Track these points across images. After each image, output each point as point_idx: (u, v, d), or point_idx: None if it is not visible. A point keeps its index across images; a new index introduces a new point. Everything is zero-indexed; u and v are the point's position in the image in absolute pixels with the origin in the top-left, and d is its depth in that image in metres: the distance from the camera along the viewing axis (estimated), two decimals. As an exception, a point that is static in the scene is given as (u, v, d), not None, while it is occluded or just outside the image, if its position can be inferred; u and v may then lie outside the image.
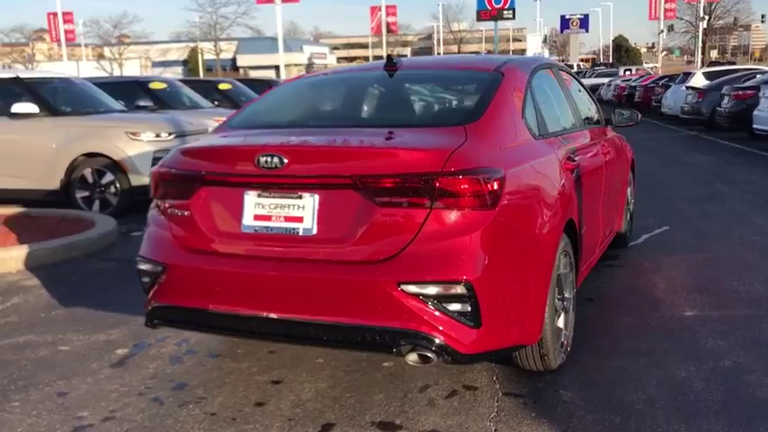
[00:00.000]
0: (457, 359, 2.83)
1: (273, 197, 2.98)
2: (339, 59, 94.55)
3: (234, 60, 79.82)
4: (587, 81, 38.63)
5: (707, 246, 6.03)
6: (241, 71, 74.33)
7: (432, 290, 2.76)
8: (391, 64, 3.84)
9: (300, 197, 2.93)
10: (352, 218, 2.85)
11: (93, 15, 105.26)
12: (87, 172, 8.18)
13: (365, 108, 3.77)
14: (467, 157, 2.87)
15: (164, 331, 4.11)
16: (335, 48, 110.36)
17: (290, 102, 3.89)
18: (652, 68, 47.71)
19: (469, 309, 2.79)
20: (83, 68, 59.40)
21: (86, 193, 8.23)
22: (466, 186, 2.79)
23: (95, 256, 6.32)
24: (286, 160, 2.89)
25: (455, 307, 2.78)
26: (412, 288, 2.75)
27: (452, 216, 2.80)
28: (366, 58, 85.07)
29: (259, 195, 3.01)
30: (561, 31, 74.93)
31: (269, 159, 2.90)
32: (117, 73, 67.13)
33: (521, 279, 3.02)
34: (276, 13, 33.00)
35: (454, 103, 3.71)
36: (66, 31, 45.20)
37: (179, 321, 3.25)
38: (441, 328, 2.77)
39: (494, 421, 3.08)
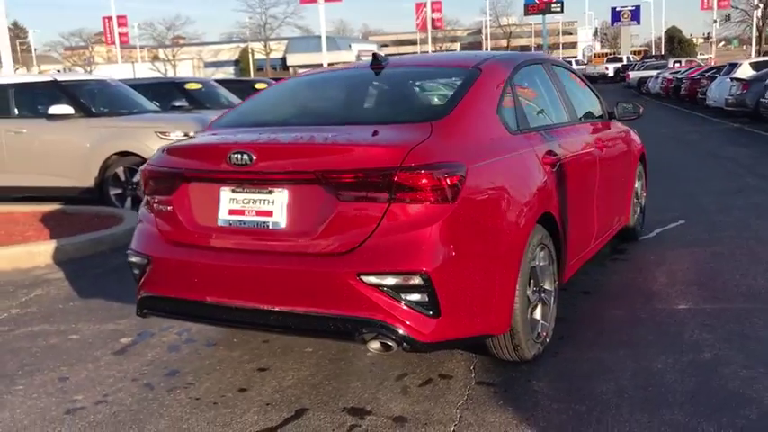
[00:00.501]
0: (416, 347, 2.94)
1: (246, 192, 3.14)
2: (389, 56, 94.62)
3: (284, 60, 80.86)
4: (635, 74, 37.93)
5: (719, 240, 5.96)
6: (291, 70, 75.31)
7: (390, 281, 2.87)
8: (376, 63, 3.96)
9: (270, 192, 3.08)
10: (317, 212, 2.99)
11: (148, 18, 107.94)
12: (120, 170, 8.52)
13: (343, 106, 3.90)
14: (427, 152, 2.97)
15: (168, 321, 4.32)
16: (384, 45, 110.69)
17: (276, 101, 4.04)
18: (705, 60, 46.49)
19: (427, 299, 2.89)
20: (138, 70, 61.04)
21: (119, 191, 8.57)
22: (424, 181, 2.89)
23: (120, 251, 6.58)
24: (255, 157, 3.05)
25: (413, 297, 2.89)
26: (371, 279, 2.87)
27: (411, 210, 2.90)
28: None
29: (233, 191, 3.17)
30: (612, 24, 73.68)
31: (239, 156, 3.06)
32: (171, 74, 68.67)
33: (484, 270, 3.11)
34: (319, 12, 33.34)
35: (427, 100, 3.81)
36: (121, 34, 46.57)
37: (164, 311, 3.44)
38: (399, 317, 2.88)
39: (460, 408, 3.18)
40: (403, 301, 2.89)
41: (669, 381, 3.36)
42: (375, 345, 2.95)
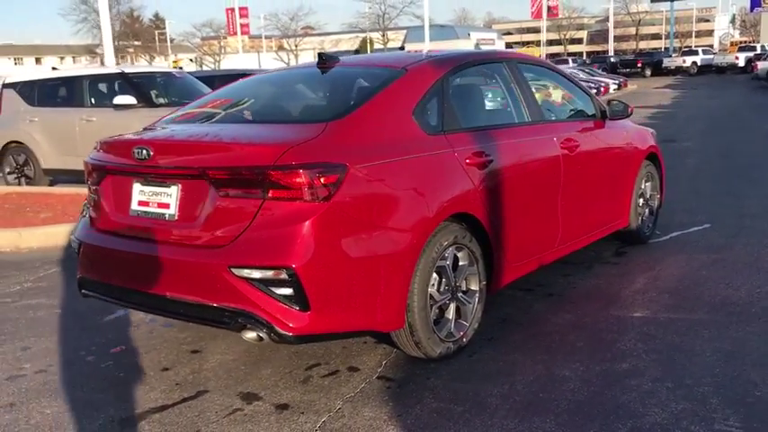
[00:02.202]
0: (285, 339, 3.07)
1: (151, 185, 3.38)
2: (508, 45, 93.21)
3: (402, 49, 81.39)
4: (764, 64, 35.38)
5: (732, 247, 5.64)
6: (409, 59, 75.73)
7: (260, 274, 3.01)
8: (322, 62, 4.09)
9: (168, 186, 3.30)
10: (201, 206, 3.18)
11: (273, 10, 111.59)
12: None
13: (265, 105, 4.03)
14: (304, 152, 3.08)
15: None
16: (507, 33, 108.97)
17: (219, 98, 4.24)
18: None
19: (295, 293, 3.01)
20: (263, 60, 63.49)
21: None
22: (296, 180, 3.01)
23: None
24: (152, 153, 3.28)
25: (282, 291, 3.02)
26: (243, 272, 3.03)
27: (283, 207, 3.03)
28: (538, 43, 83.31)
29: (142, 184, 3.42)
30: (751, 10, 68.79)
31: (140, 152, 3.31)
32: (293, 63, 70.85)
33: (367, 269, 3.18)
34: (424, 2, 33.53)
35: (340, 100, 3.87)
36: (242, 25, 48.64)
37: (96, 292, 3.73)
38: (268, 310, 3.02)
39: (345, 400, 3.28)
40: (272, 295, 3.03)
41: (565, 389, 3.31)
42: (249, 335, 3.12)
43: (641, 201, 5.76)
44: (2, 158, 10.19)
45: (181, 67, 39.63)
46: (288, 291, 3.02)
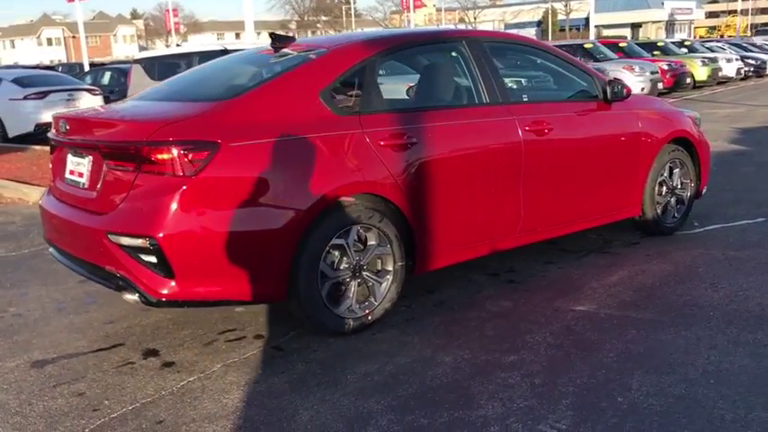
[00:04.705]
0: (152, 303, 3.34)
1: (76, 156, 3.77)
2: (709, 14, 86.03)
3: (587, 20, 77.86)
4: None
5: (764, 245, 5.09)
6: (594, 31, 72.45)
7: (129, 242, 3.29)
8: (274, 44, 4.26)
9: (83, 157, 3.67)
10: (99, 176, 3.51)
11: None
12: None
13: (198, 85, 4.20)
14: (177, 129, 3.29)
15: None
16: (714, 1, 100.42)
17: (182, 77, 4.53)
18: None
19: (159, 261, 3.25)
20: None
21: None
22: (164, 156, 3.23)
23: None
24: (68, 127, 3.66)
25: (149, 258, 3.28)
26: (118, 239, 3.31)
27: (153, 180, 3.28)
28: (745, 12, 76.18)
29: (72, 155, 3.82)
30: None
31: (63, 125, 3.71)
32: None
33: (237, 243, 3.34)
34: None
35: (248, 80, 3.97)
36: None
37: (53, 251, 4.20)
38: (137, 274, 3.30)
39: (226, 365, 3.49)
40: (140, 261, 3.29)
41: (428, 374, 3.29)
42: (128, 296, 3.42)
43: (663, 189, 5.35)
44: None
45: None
46: (153, 258, 3.27)
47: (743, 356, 3.33)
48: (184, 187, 3.25)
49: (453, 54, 4.30)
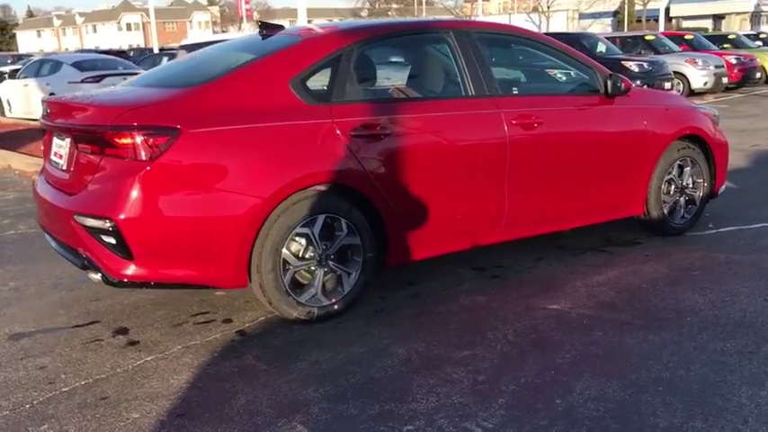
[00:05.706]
0: (112, 283, 3.44)
1: (57, 139, 3.90)
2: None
3: (667, 10, 75.32)
4: None
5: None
6: (673, 22, 69.97)
7: (91, 222, 3.39)
8: (261, 32, 4.31)
9: (64, 139, 3.79)
10: (73, 159, 3.63)
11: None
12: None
13: (185, 72, 4.23)
14: (139, 114, 3.37)
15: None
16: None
17: (173, 64, 4.62)
18: None
19: (117, 243, 3.35)
20: (514, 20, 62.88)
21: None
22: (124, 140, 3.32)
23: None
24: (50, 111, 3.80)
25: (108, 239, 3.37)
26: (82, 220, 3.42)
27: (114, 164, 3.37)
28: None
29: (56, 137, 3.95)
30: None
31: (46, 109, 3.85)
32: (544, 26, 69.18)
33: (195, 228, 3.40)
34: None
35: (221, 67, 3.97)
36: (485, -13, 48.28)
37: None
38: (98, 255, 3.40)
39: (186, 346, 3.57)
40: (101, 242, 3.40)
41: (377, 365, 3.29)
42: (92, 275, 3.54)
43: (671, 188, 5.17)
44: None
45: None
46: (113, 240, 3.37)
47: (703, 365, 3.20)
48: (144, 171, 3.33)
49: (437, 46, 4.25)
